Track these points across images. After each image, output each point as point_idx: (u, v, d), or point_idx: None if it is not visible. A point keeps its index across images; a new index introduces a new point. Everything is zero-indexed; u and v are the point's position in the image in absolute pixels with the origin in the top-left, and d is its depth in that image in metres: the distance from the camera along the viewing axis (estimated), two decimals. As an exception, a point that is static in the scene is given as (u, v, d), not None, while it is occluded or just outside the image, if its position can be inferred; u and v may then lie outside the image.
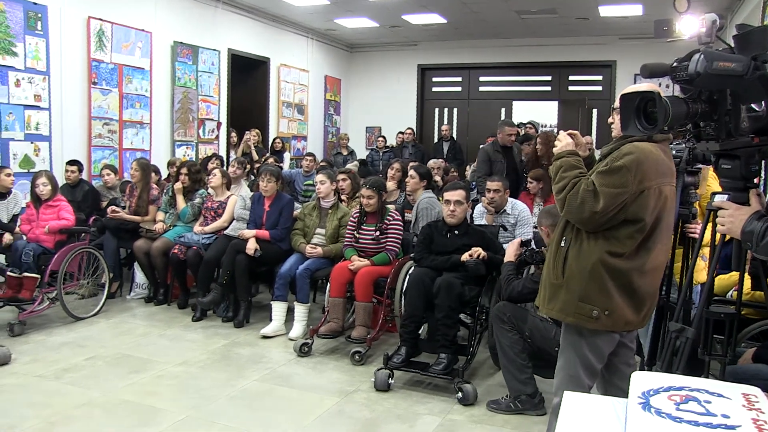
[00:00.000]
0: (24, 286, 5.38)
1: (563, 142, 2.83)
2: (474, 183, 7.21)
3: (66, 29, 7.33)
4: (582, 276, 2.68)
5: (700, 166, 3.14)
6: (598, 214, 2.58)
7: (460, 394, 4.07)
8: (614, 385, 2.90)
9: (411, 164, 6.39)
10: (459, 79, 13.68)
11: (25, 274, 5.39)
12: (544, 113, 13.72)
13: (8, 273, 5.40)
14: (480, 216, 5.57)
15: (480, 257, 4.46)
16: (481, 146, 7.24)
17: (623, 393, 2.11)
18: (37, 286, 5.43)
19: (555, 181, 2.75)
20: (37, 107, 7.00)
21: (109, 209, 6.47)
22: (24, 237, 5.79)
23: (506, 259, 4.17)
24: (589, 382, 2.82)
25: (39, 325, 5.54)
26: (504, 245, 4.97)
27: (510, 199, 5.49)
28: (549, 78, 13.04)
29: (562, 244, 2.78)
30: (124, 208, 6.62)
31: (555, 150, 2.84)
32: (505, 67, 13.11)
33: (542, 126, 12.62)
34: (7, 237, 5.91)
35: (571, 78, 12.87)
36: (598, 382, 2.97)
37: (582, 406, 1.81)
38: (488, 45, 12.79)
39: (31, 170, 6.75)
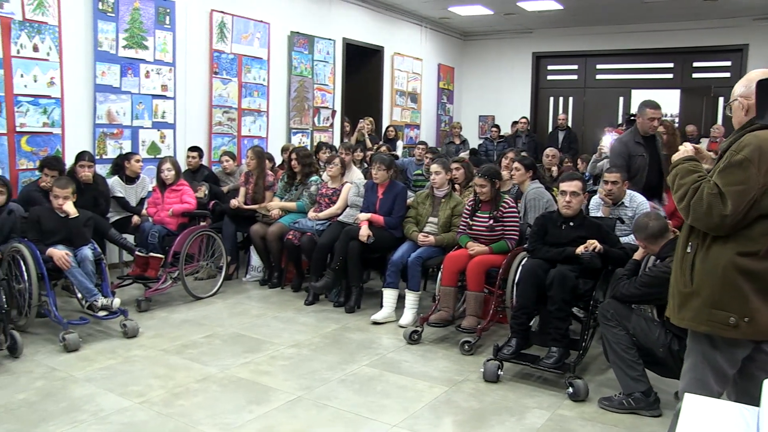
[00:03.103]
0: (150, 266, 5.72)
1: (682, 150, 2.69)
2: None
3: (191, 22, 7.68)
4: (712, 281, 2.50)
5: None
6: (729, 217, 2.40)
7: (570, 390, 3.97)
8: (746, 392, 2.67)
9: (516, 155, 6.22)
10: (575, 67, 13.30)
11: (151, 254, 5.73)
12: (665, 103, 13.02)
13: (136, 252, 5.77)
14: (596, 208, 5.39)
15: (595, 250, 4.32)
16: (619, 137, 6.37)
17: (754, 401, 1.98)
18: (161, 265, 5.73)
19: (674, 190, 2.61)
20: (164, 97, 7.37)
21: (231, 203, 6.72)
22: (150, 219, 6.14)
23: (635, 256, 4.07)
24: (719, 389, 2.64)
25: (162, 302, 5.86)
26: (621, 238, 4.81)
27: (628, 192, 5.26)
28: (671, 65, 12.46)
29: (688, 250, 2.61)
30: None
31: (673, 158, 2.70)
32: (624, 54, 12.61)
33: (662, 116, 12.04)
34: (136, 219, 6.35)
35: (695, 64, 12.23)
36: (728, 388, 2.77)
37: (705, 410, 1.72)
38: (606, 31, 12.36)
39: (157, 156, 7.14)
